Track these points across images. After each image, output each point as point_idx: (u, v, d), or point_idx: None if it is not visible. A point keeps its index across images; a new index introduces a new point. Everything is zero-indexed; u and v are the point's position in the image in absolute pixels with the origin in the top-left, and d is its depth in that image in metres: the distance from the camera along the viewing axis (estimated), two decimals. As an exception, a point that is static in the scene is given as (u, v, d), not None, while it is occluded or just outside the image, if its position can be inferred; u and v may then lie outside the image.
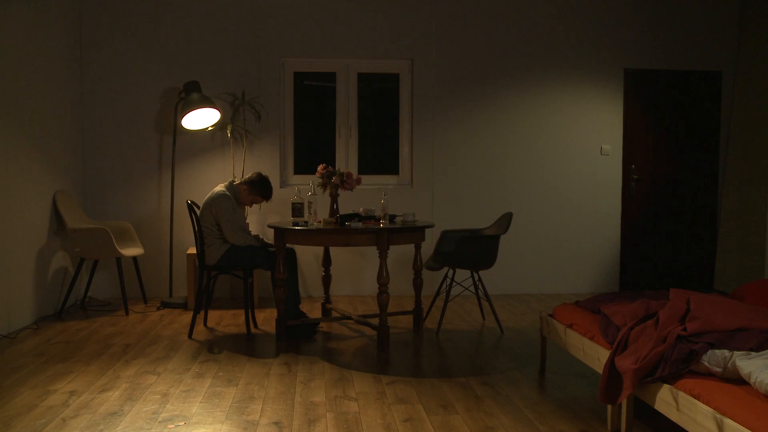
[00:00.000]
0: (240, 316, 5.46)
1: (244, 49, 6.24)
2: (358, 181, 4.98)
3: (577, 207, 6.60)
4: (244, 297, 4.96)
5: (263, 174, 4.93)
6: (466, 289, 5.54)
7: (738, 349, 2.62)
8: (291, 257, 4.95)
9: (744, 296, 3.63)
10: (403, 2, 6.37)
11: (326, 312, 5.37)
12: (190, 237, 6.11)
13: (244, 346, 4.54)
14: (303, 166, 6.44)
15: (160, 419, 3.18)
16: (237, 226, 4.72)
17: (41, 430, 3.04)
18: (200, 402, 3.42)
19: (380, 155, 6.70)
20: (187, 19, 6.18)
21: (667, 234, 6.71)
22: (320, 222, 4.70)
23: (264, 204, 5.08)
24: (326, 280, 5.34)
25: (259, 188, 4.86)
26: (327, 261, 5.32)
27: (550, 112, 6.55)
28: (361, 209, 4.78)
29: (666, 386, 2.69)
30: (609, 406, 3.05)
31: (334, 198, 4.93)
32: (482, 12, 6.44)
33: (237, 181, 4.94)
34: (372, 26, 6.36)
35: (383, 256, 4.44)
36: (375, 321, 4.77)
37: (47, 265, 5.41)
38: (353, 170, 6.38)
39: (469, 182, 6.50)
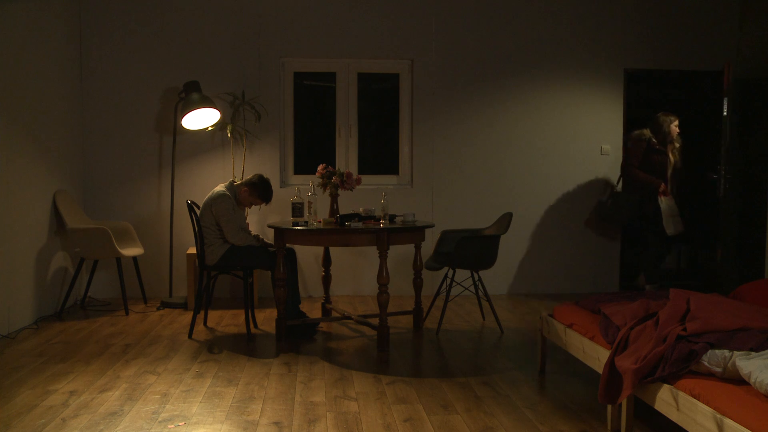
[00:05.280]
0: (240, 316, 5.46)
1: (244, 49, 6.24)
2: (358, 181, 4.98)
3: (577, 207, 6.60)
4: (244, 297, 4.95)
5: (264, 176, 4.92)
6: (466, 289, 5.53)
7: (738, 349, 2.62)
8: (291, 257, 4.94)
9: (744, 296, 3.63)
10: (403, 2, 6.37)
11: (326, 312, 5.37)
12: (190, 237, 6.11)
13: (244, 346, 4.54)
14: (303, 166, 6.44)
15: (160, 419, 3.18)
16: (237, 226, 4.71)
17: (41, 430, 3.04)
18: (200, 402, 3.42)
19: (380, 155, 6.70)
20: (187, 19, 6.18)
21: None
22: (320, 222, 4.70)
23: (264, 205, 5.09)
24: (326, 280, 5.34)
25: (259, 191, 4.85)
26: (327, 261, 5.32)
27: (550, 112, 6.55)
28: (361, 209, 4.78)
29: (666, 386, 2.69)
30: (609, 406, 3.05)
31: (334, 198, 4.93)
32: (482, 12, 6.44)
33: (237, 182, 4.94)
34: (372, 26, 6.36)
35: (383, 256, 4.44)
36: (375, 321, 4.77)
37: (47, 265, 5.41)
38: (353, 170, 6.38)
39: (469, 182, 6.50)
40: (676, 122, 6.08)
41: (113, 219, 6.09)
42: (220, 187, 4.81)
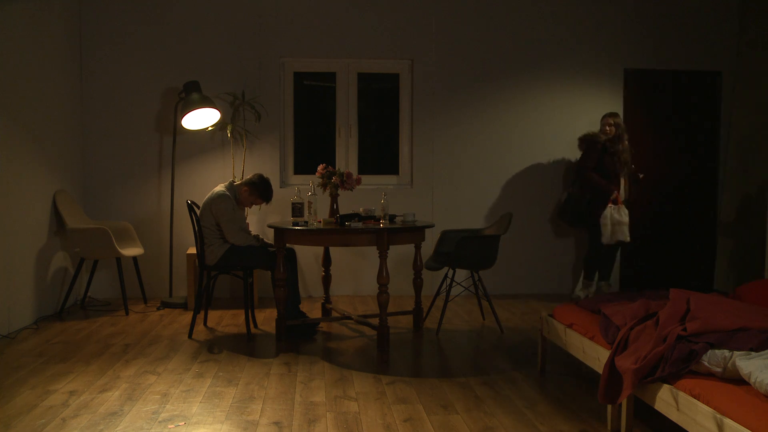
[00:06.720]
0: (240, 316, 5.46)
1: (244, 49, 6.24)
2: (358, 181, 4.98)
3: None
4: (244, 297, 4.96)
5: (264, 176, 4.92)
6: (466, 289, 5.53)
7: (738, 349, 2.62)
8: (291, 257, 4.95)
9: (744, 296, 3.63)
10: (403, 2, 6.37)
11: (326, 312, 5.37)
12: (190, 237, 6.11)
13: (244, 346, 4.54)
14: (303, 166, 6.44)
15: (160, 419, 3.18)
16: (237, 226, 4.72)
17: (41, 430, 3.04)
18: (200, 402, 3.42)
19: (380, 155, 6.70)
20: (187, 19, 6.18)
21: (666, 234, 6.71)
22: (320, 222, 4.70)
23: (264, 204, 5.09)
24: (326, 280, 5.34)
25: (259, 190, 4.85)
26: (327, 261, 5.32)
27: (550, 112, 6.55)
28: (361, 209, 4.78)
29: (666, 386, 2.69)
30: (609, 406, 3.05)
31: (334, 198, 4.93)
32: (482, 12, 6.44)
33: (237, 182, 4.94)
34: (372, 26, 6.36)
35: (383, 256, 4.44)
36: (375, 321, 4.77)
37: (47, 265, 5.41)
38: (353, 170, 6.38)
39: (469, 182, 6.50)
40: (612, 120, 5.96)
41: (113, 219, 6.09)
42: (220, 187, 4.81)
